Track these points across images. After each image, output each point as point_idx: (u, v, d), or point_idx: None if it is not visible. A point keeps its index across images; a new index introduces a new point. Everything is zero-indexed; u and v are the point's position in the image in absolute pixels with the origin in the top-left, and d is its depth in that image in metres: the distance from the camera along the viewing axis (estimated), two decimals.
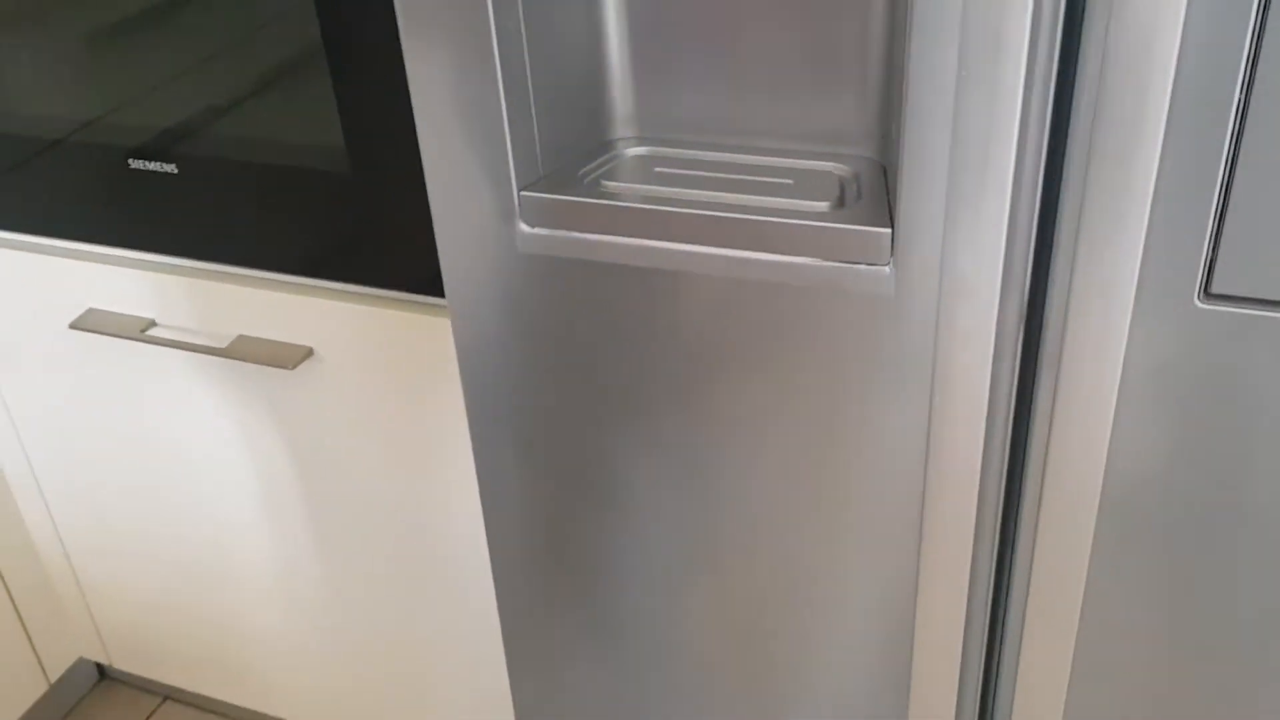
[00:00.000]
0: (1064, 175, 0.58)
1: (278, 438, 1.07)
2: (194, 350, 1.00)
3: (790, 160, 0.72)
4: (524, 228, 0.71)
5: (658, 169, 0.72)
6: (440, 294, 0.92)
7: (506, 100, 0.66)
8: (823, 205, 0.66)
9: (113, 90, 0.94)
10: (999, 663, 0.75)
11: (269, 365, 0.99)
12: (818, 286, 0.65)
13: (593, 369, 0.74)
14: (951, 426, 0.65)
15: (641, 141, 0.76)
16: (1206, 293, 0.58)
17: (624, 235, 0.69)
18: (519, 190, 0.69)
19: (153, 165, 0.95)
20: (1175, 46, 0.51)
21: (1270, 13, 0.51)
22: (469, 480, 1.00)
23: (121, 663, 1.44)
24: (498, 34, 0.64)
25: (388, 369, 0.97)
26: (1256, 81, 0.52)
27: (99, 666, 1.56)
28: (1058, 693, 0.73)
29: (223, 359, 1.03)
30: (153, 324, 1.05)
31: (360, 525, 1.09)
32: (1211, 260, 0.57)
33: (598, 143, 0.76)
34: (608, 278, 0.70)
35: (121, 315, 1.05)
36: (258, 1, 0.84)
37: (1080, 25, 0.54)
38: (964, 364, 0.62)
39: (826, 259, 0.64)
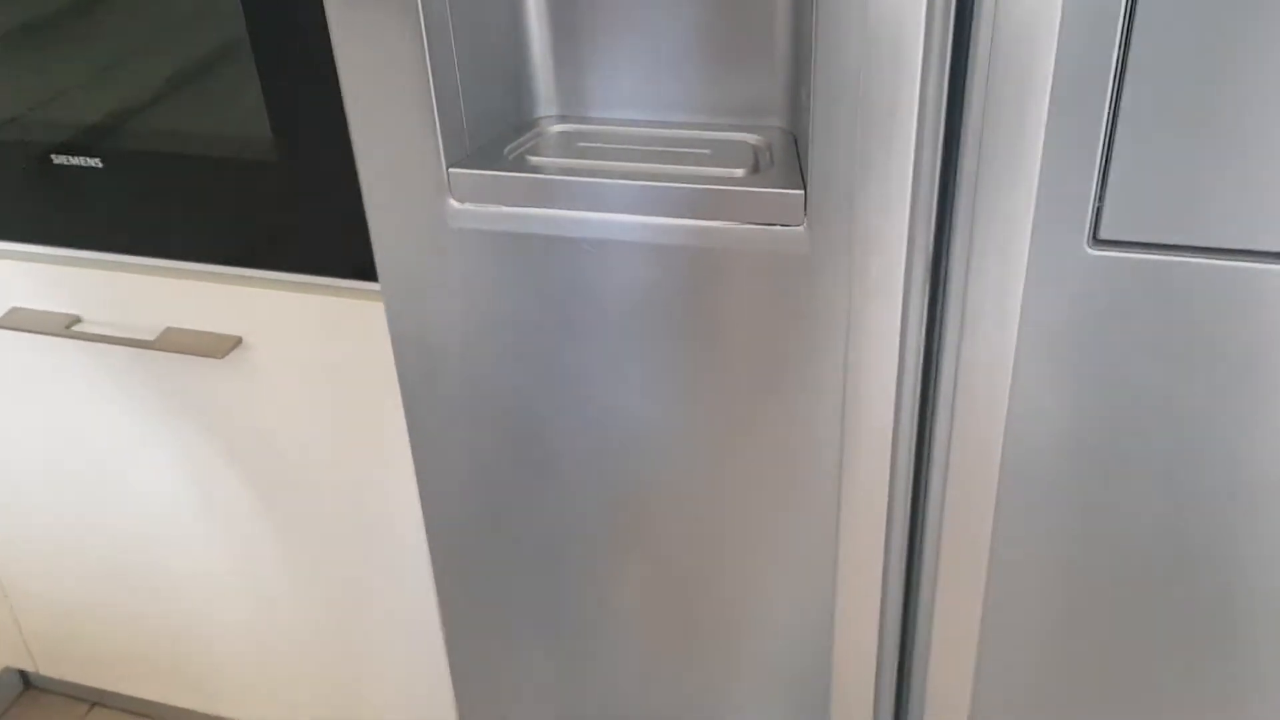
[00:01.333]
0: (962, 133, 0.62)
1: (209, 428, 1.08)
2: (121, 344, 1.01)
3: (706, 132, 0.76)
4: (454, 204, 0.73)
5: (580, 144, 0.75)
6: (368, 279, 0.94)
7: (434, 81, 0.69)
8: (739, 172, 0.70)
9: (33, 86, 0.95)
10: (914, 610, 0.80)
11: (198, 355, 1.00)
12: (738, 248, 0.69)
13: (526, 340, 0.77)
14: (866, 372, 0.69)
15: (563, 119, 0.79)
16: (1095, 239, 0.63)
17: (551, 207, 0.72)
18: (448, 167, 0.72)
19: (76, 160, 0.96)
20: (1059, 9, 0.56)
21: None
22: (404, 462, 1.02)
23: (48, 669, 1.43)
24: (425, 16, 0.67)
25: (318, 355, 0.99)
26: (1133, 41, 0.57)
27: (23, 674, 1.55)
28: (969, 641, 0.78)
29: (151, 352, 1.03)
30: (78, 320, 1.05)
31: (297, 513, 1.10)
32: (1099, 209, 0.62)
33: (521, 121, 0.79)
34: (537, 250, 0.73)
35: (45, 312, 1.05)
36: None
37: None
38: (876, 314, 0.67)
39: (745, 222, 0.68)
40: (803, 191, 0.66)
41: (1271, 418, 0.64)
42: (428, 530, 0.91)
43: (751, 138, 0.75)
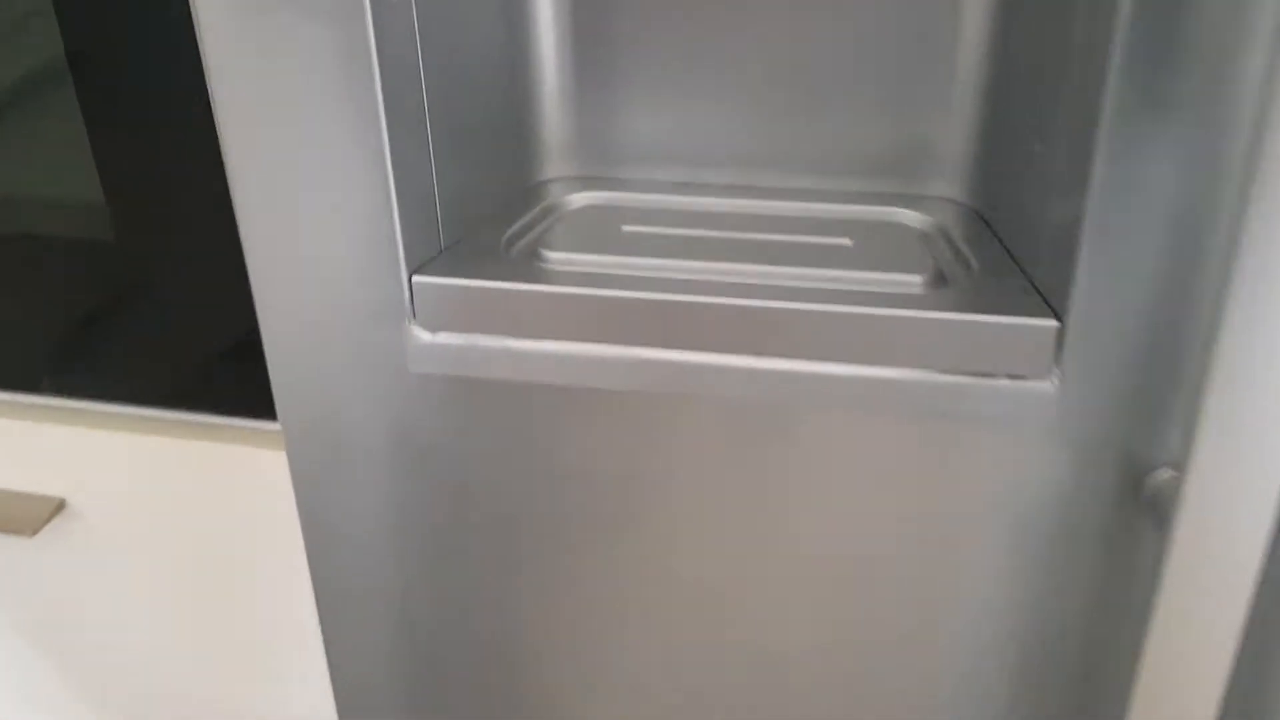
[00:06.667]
0: None
1: (16, 623, 0.75)
2: None
3: (825, 205, 0.47)
4: (419, 333, 0.43)
5: (625, 227, 0.46)
6: (257, 415, 0.63)
7: (389, 128, 0.39)
8: (914, 279, 0.41)
9: None
10: None
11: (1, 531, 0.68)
12: (920, 415, 0.40)
13: (511, 533, 0.47)
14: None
15: (586, 183, 0.49)
16: None
17: (580, 339, 0.42)
18: (409, 274, 0.42)
19: None
20: None
21: None
22: (292, 659, 0.71)
23: None
24: (375, 25, 0.37)
25: (171, 522, 0.67)
26: None
27: None
28: None
29: None
30: None
31: None
32: None
33: (525, 187, 0.49)
34: (551, 408, 0.43)
35: None
36: None
37: None
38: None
39: (940, 370, 0.39)
40: (1055, 321, 0.38)
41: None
42: None
43: (911, 216, 0.46)
